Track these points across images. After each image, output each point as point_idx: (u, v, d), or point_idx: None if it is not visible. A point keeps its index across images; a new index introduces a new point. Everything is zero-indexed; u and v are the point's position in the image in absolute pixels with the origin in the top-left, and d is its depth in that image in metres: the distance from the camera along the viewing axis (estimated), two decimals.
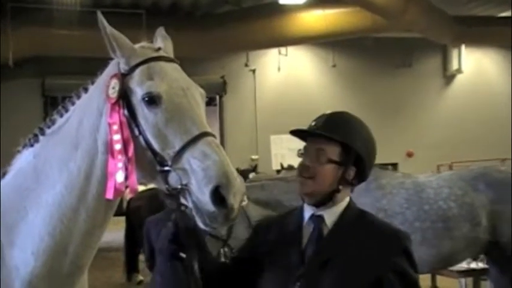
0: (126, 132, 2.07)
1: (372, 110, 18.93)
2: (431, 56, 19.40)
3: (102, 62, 2.29)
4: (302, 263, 2.14)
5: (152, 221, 4.97)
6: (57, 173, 2.21)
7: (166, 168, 2.03)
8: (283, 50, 17.90)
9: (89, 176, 2.19)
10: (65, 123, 2.28)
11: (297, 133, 2.31)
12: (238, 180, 2.00)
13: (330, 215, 2.20)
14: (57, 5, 13.21)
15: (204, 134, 2.05)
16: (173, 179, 2.02)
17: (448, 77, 19.80)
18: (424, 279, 8.33)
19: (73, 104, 2.31)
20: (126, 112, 2.09)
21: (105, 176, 2.15)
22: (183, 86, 2.13)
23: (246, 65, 18.13)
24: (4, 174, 2.36)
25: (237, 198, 1.97)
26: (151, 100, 2.05)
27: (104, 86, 2.19)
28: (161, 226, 2.24)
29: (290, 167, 13.05)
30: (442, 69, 19.77)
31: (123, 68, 2.15)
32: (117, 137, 2.08)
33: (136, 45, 2.27)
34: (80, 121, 2.22)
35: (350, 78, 18.78)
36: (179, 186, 2.00)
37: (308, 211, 2.24)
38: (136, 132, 2.09)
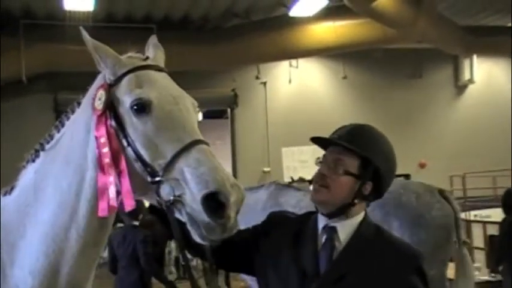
0: (115, 144, 1.98)
1: (383, 122, 18.86)
2: (443, 66, 19.33)
3: None
4: (316, 273, 2.11)
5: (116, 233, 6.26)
6: (52, 190, 2.15)
7: (158, 179, 1.92)
8: (293, 62, 17.91)
9: (78, 194, 2.10)
10: (60, 138, 2.24)
11: (318, 141, 2.29)
12: (236, 187, 1.89)
13: (344, 228, 2.17)
14: (69, 21, 13.32)
15: (197, 142, 1.96)
16: (165, 191, 1.92)
17: (460, 87, 19.70)
18: None
19: (68, 118, 2.29)
20: (113, 123, 2.01)
21: (95, 194, 2.05)
22: (173, 94, 2.06)
23: (257, 78, 18.15)
24: (11, 189, 2.35)
25: (235, 206, 1.88)
26: (141, 108, 1.97)
27: (90, 99, 2.15)
28: (121, 237, 2.16)
29: (301, 180, 13.04)
30: (453, 79, 19.67)
31: (109, 78, 2.08)
32: (105, 150, 1.99)
33: (124, 56, 2.21)
34: (71, 136, 2.17)
35: (361, 89, 18.75)
36: (171, 198, 1.89)
37: (322, 221, 2.21)
38: (125, 143, 1.99)
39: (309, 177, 11.66)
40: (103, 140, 2.01)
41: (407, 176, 18.73)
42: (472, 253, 10.96)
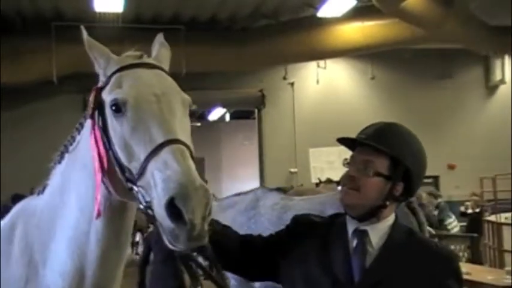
0: (101, 147, 1.94)
1: (412, 122, 18.57)
2: (473, 66, 19.08)
3: None
4: (350, 279, 2.05)
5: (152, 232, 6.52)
6: (74, 194, 2.14)
7: (131, 185, 1.86)
8: (321, 62, 17.85)
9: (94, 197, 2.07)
10: (79, 141, 2.21)
11: (345, 141, 2.22)
12: (200, 191, 1.75)
13: (375, 231, 2.10)
14: (98, 22, 13.47)
15: (170, 142, 1.82)
16: (141, 196, 1.84)
17: (491, 88, 19.42)
18: None
19: (86, 119, 2.22)
20: (100, 125, 1.96)
21: (103, 198, 2.04)
22: (156, 92, 1.92)
23: (285, 78, 18.13)
24: (43, 189, 2.38)
25: (198, 212, 1.72)
26: (117, 108, 1.89)
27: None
28: (157, 235, 2.08)
29: (328, 181, 12.99)
30: (484, 79, 19.41)
31: (101, 80, 2.05)
32: (94, 153, 1.96)
33: (123, 55, 2.14)
34: (86, 140, 2.12)
35: (389, 90, 18.61)
36: (145, 204, 1.82)
37: (351, 224, 2.14)
38: (107, 146, 1.94)
39: (336, 178, 11.61)
40: (92, 142, 1.98)
41: (436, 178, 18.56)
42: (502, 256, 10.80)
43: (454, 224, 12.29)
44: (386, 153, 2.10)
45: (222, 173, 23.40)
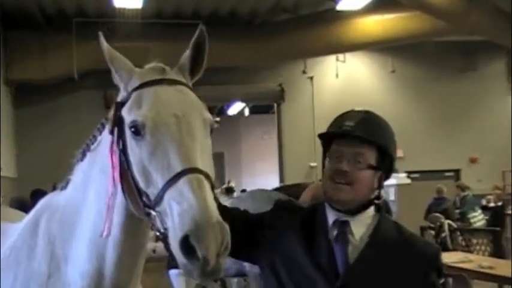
0: (118, 165, 1.91)
1: (433, 116, 18.55)
2: (496, 59, 18.85)
3: None
4: (333, 267, 2.03)
5: None
6: (93, 195, 2.13)
7: (148, 210, 1.84)
8: (341, 56, 17.77)
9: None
10: (100, 142, 2.18)
11: (324, 135, 2.20)
12: (216, 227, 1.71)
13: (356, 222, 2.08)
14: (119, 18, 13.55)
15: (188, 171, 1.77)
16: (157, 223, 1.82)
17: None
18: (482, 285, 8.09)
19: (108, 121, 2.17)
20: (120, 143, 1.92)
21: (120, 204, 2.03)
22: (176, 113, 1.85)
23: (304, 72, 18.09)
24: (66, 184, 2.39)
25: (212, 249, 1.68)
26: (136, 131, 1.84)
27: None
28: None
29: None
30: (506, 72, 19.17)
31: (122, 94, 1.98)
32: (113, 171, 1.94)
33: (145, 67, 2.07)
34: (105, 142, 2.08)
35: (410, 83, 18.47)
36: (162, 231, 1.80)
37: (332, 214, 2.11)
38: (126, 166, 1.90)
39: None
40: (110, 160, 1.96)
41: (457, 171, 18.41)
42: None
43: (478, 218, 12.19)
44: (374, 144, 2.08)
45: (242, 168, 23.43)
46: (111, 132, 1.92)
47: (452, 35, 15.69)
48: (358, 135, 2.07)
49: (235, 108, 21.05)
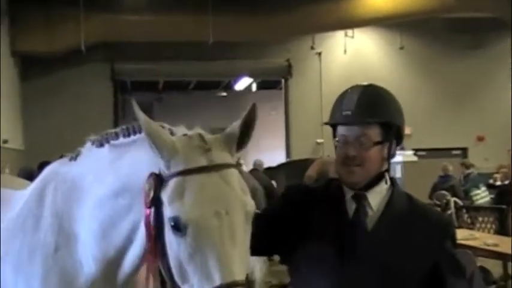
0: (152, 244, 1.88)
1: (441, 93, 18.46)
2: (503, 36, 18.62)
3: (171, 46, 2.20)
4: (353, 241, 2.07)
5: None
6: (105, 195, 2.11)
7: None
8: (349, 32, 17.65)
9: (115, 225, 2.07)
10: (122, 154, 2.10)
11: (329, 123, 2.23)
12: None
13: (373, 194, 2.12)
14: None
15: (226, 286, 1.74)
16: None
17: None
18: (496, 266, 8.13)
19: (134, 132, 2.11)
20: (156, 224, 1.86)
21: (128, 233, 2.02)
22: (219, 210, 1.78)
23: (312, 48, 17.99)
24: (76, 156, 2.38)
25: None
26: (177, 227, 1.78)
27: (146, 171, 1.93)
28: None
29: None
30: None
31: (163, 171, 1.85)
32: (146, 243, 1.91)
33: (184, 135, 1.94)
34: (129, 165, 2.02)
35: (418, 60, 18.35)
36: None
37: (348, 190, 2.15)
38: (160, 251, 1.87)
39: None
40: (146, 232, 1.91)
41: (464, 150, 18.37)
42: None
43: (481, 196, 12.19)
44: (376, 123, 2.11)
45: (249, 143, 23.41)
46: (149, 207, 1.85)
47: (461, 11, 15.54)
48: (361, 121, 2.10)
49: (243, 83, 20.96)
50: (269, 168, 12.70)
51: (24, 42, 14.86)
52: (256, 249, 1.95)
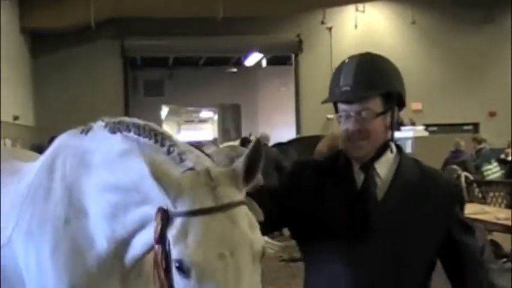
0: (162, 282, 1.87)
1: (452, 69, 18.31)
2: None
3: (181, 22, 2.18)
4: (364, 210, 2.06)
5: None
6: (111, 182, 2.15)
7: None
8: (360, 6, 17.49)
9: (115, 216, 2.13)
10: (131, 152, 2.10)
11: (329, 101, 2.20)
12: None
13: (381, 164, 2.12)
14: None
15: None
16: None
17: None
18: (506, 240, 8.13)
19: (139, 135, 2.13)
20: (165, 260, 1.85)
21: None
22: (224, 252, 1.76)
23: (323, 23, 17.86)
24: (88, 130, 2.38)
25: None
26: (181, 269, 1.78)
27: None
28: None
29: None
30: None
31: (170, 207, 1.84)
32: (155, 280, 1.90)
33: (191, 169, 1.90)
34: (139, 175, 1.99)
35: (430, 35, 18.18)
36: None
37: (358, 162, 2.15)
38: (168, 284, 1.86)
39: None
40: (155, 262, 1.90)
41: (476, 125, 18.26)
42: None
43: (492, 171, 12.15)
44: (376, 94, 2.09)
45: (258, 120, 23.41)
46: (157, 243, 1.85)
47: None
48: (360, 97, 2.07)
49: (253, 59, 20.88)
50: (280, 144, 12.70)
51: (34, 18, 14.85)
52: (267, 225, 1.96)
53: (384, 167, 2.13)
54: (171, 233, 1.79)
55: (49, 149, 2.45)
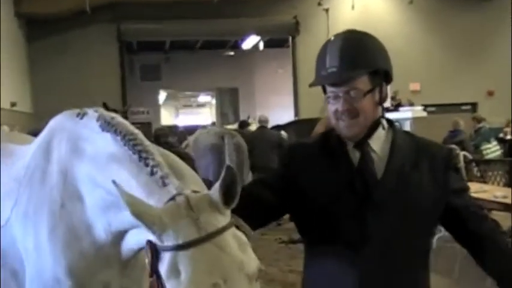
0: None
1: (451, 48, 18.26)
2: None
3: (177, 5, 2.17)
4: (365, 187, 2.06)
5: None
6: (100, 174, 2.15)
7: None
8: None
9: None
10: (121, 159, 2.11)
11: (316, 85, 2.20)
12: None
13: (374, 140, 2.12)
14: None
15: None
16: None
17: None
18: (505, 218, 8.15)
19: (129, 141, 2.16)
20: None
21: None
22: (217, 281, 1.76)
23: (319, 4, 17.76)
24: (83, 115, 2.38)
25: None
26: None
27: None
28: None
29: None
30: None
31: (156, 242, 1.82)
32: None
33: (171, 199, 1.88)
34: (118, 170, 2.06)
35: (428, 14, 18.09)
36: None
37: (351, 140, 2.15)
38: None
39: None
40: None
41: (474, 104, 18.25)
42: None
43: (491, 150, 12.16)
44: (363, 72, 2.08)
45: (256, 102, 23.41)
46: (151, 277, 1.82)
47: None
48: (347, 78, 2.06)
49: (250, 42, 20.80)
50: (278, 126, 12.70)
51: (29, 3, 14.76)
52: (268, 216, 1.96)
53: (378, 143, 2.13)
54: (163, 269, 1.78)
55: (45, 130, 2.46)
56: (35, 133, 2.52)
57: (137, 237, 2.09)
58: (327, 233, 2.09)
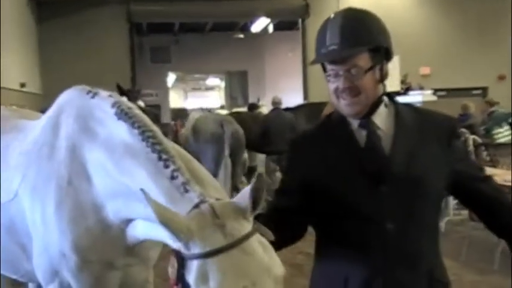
0: None
1: (462, 31, 18.10)
2: None
3: None
4: (377, 167, 2.06)
5: None
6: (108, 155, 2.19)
7: None
8: None
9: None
10: (136, 155, 2.12)
11: (317, 62, 2.19)
12: None
13: (378, 116, 2.12)
14: None
15: None
16: None
17: None
18: None
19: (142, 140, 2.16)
20: None
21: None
22: (246, 285, 1.78)
23: None
24: (95, 94, 2.39)
25: None
26: None
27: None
28: None
29: None
30: None
31: (184, 250, 1.83)
32: None
33: (195, 207, 1.90)
34: (135, 192, 2.01)
35: None
36: None
37: (355, 120, 2.15)
38: None
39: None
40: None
41: (485, 89, 18.13)
42: None
43: (503, 134, 12.10)
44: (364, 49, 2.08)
45: (266, 86, 23.33)
46: (176, 285, 1.85)
47: None
48: (348, 54, 2.06)
49: (260, 25, 20.69)
50: (288, 109, 12.68)
51: None
52: (294, 228, 2.10)
53: (382, 119, 2.13)
54: (191, 278, 1.79)
55: (54, 105, 2.49)
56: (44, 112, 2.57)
57: (146, 231, 2.11)
58: (341, 213, 2.10)
